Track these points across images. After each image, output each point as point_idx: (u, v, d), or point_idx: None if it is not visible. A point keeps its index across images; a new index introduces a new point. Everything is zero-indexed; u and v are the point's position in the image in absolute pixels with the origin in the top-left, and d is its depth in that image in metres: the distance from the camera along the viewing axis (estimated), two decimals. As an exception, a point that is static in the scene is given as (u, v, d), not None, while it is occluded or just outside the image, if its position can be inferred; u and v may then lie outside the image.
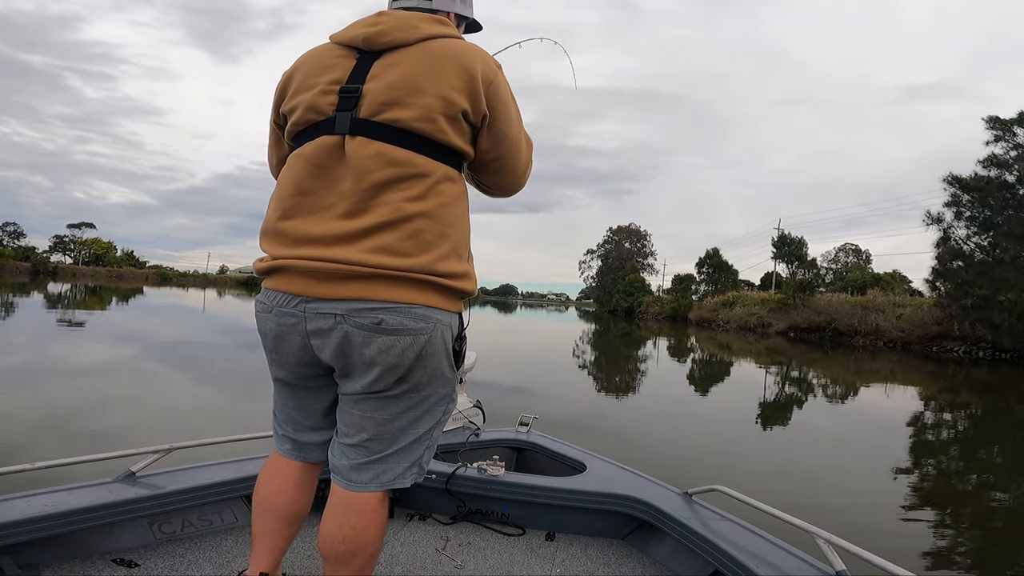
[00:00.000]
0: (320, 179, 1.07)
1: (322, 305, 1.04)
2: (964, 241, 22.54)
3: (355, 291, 1.02)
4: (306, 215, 1.07)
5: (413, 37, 1.10)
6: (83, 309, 18.90)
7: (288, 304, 1.07)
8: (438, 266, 1.05)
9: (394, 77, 1.07)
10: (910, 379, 14.34)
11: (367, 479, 1.13)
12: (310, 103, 1.09)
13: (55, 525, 1.45)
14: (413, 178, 1.05)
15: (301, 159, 1.09)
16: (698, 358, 18.07)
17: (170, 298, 33.17)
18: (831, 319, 28.75)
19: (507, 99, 1.16)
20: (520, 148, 1.22)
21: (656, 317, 51.35)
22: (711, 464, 5.09)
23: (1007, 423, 9.07)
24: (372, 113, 1.05)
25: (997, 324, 20.27)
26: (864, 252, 66.85)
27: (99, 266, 77.85)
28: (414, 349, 1.05)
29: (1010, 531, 3.94)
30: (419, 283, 1.04)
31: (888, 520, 3.86)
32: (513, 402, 6.49)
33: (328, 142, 1.06)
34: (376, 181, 1.03)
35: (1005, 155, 22.19)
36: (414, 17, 1.14)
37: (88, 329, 12.64)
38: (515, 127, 1.19)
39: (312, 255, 1.03)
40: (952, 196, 22.62)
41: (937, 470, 5.57)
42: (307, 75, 1.13)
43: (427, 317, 1.05)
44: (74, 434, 4.34)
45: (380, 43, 1.10)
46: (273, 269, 1.09)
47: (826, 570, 1.46)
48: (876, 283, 41.39)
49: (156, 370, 7.82)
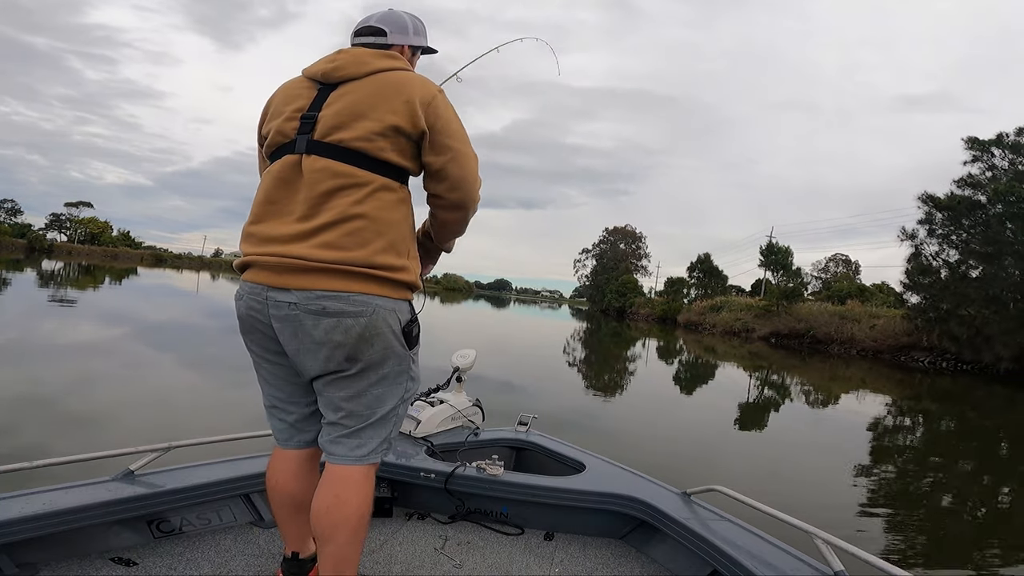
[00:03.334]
0: (283, 190, 1.27)
1: (280, 294, 1.22)
2: (933, 257, 23.17)
3: (305, 282, 1.21)
4: (271, 219, 1.27)
5: (364, 71, 1.30)
6: (77, 288, 19.21)
7: (255, 293, 1.26)
8: (374, 259, 1.23)
9: (342, 105, 1.26)
10: (879, 387, 14.97)
11: (344, 451, 1.30)
12: (279, 128, 1.31)
13: (53, 524, 1.45)
14: (353, 187, 1.23)
15: (270, 175, 1.30)
16: (685, 360, 18.62)
17: (164, 279, 33.40)
18: (810, 327, 29.35)
19: (447, 115, 1.32)
20: (467, 158, 1.34)
21: (646, 318, 51.90)
22: (691, 456, 5.40)
23: (963, 429, 9.63)
24: (323, 135, 1.25)
25: (958, 336, 20.93)
26: (854, 263, 67.87)
27: (95, 245, 77.77)
28: (355, 330, 1.22)
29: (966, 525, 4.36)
30: (357, 275, 1.21)
31: (845, 504, 4.26)
32: (505, 398, 6.64)
33: (290, 160, 1.27)
34: (323, 190, 1.23)
35: (982, 175, 22.74)
36: (366, 54, 1.33)
37: (90, 309, 12.96)
38: (458, 139, 1.32)
39: (273, 251, 1.23)
40: (926, 214, 23.18)
41: (896, 469, 5.99)
42: (279, 104, 1.35)
43: (365, 303, 1.22)
44: (62, 421, 4.29)
45: (335, 77, 1.31)
46: (246, 265, 1.30)
47: (824, 570, 1.46)
48: (861, 294, 42.04)
49: (143, 352, 8.08)
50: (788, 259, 40.42)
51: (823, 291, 50.98)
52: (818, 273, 66.99)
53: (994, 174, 22.54)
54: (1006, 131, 22.46)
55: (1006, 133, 22.50)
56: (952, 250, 22.81)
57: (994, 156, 22.76)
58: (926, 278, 23.08)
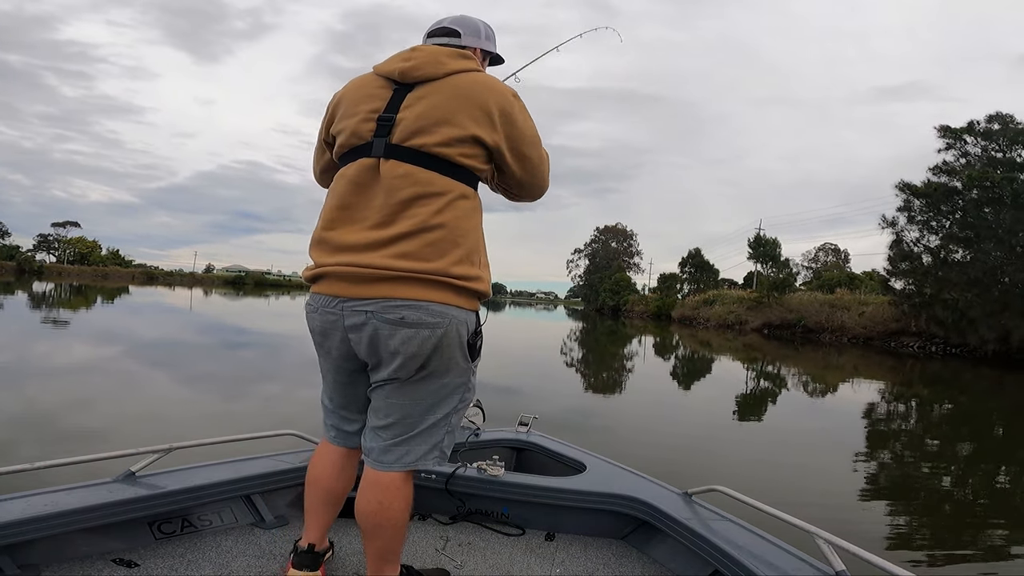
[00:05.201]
0: (358, 195, 1.24)
1: (356, 304, 1.21)
2: (915, 243, 23.59)
3: (382, 291, 1.19)
4: (345, 225, 1.24)
5: (441, 72, 1.26)
6: (68, 308, 19.20)
7: (330, 305, 1.25)
8: (452, 269, 1.21)
9: (423, 108, 1.23)
10: (872, 373, 15.25)
11: (392, 460, 1.29)
12: (353, 129, 1.27)
13: (54, 525, 1.45)
14: (434, 196, 1.21)
15: (344, 179, 1.27)
16: (681, 355, 18.73)
17: (156, 296, 33.30)
18: (801, 316, 29.72)
19: (523, 123, 1.31)
20: (539, 163, 1.37)
21: (641, 315, 52.17)
22: (690, 449, 5.45)
23: (956, 413, 9.80)
24: (403, 139, 1.22)
25: (943, 321, 21.32)
26: (843, 252, 68.62)
27: (84, 265, 77.26)
28: (432, 341, 1.21)
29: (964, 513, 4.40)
30: (435, 283, 1.20)
31: (844, 492, 4.32)
32: (505, 399, 6.68)
33: (366, 164, 1.24)
34: (403, 197, 1.20)
35: (955, 162, 23.19)
36: (442, 53, 1.30)
37: (87, 328, 13.02)
38: (532, 146, 1.34)
39: (347, 261, 1.21)
40: (904, 202, 23.63)
41: (893, 455, 6.08)
42: (352, 103, 1.30)
43: (443, 313, 1.21)
44: (61, 433, 4.35)
45: (412, 76, 1.27)
46: (317, 276, 1.27)
47: (826, 570, 1.45)
48: (851, 282, 42.58)
49: (139, 370, 8.16)
50: (776, 250, 40.91)
51: (814, 280, 51.51)
52: (809, 263, 67.84)
53: (968, 160, 23.01)
54: (977, 119, 23.04)
55: (977, 121, 23.02)
56: (932, 236, 23.26)
57: (967, 143, 23.25)
58: (908, 264, 23.48)
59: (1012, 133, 22.11)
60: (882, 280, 26.08)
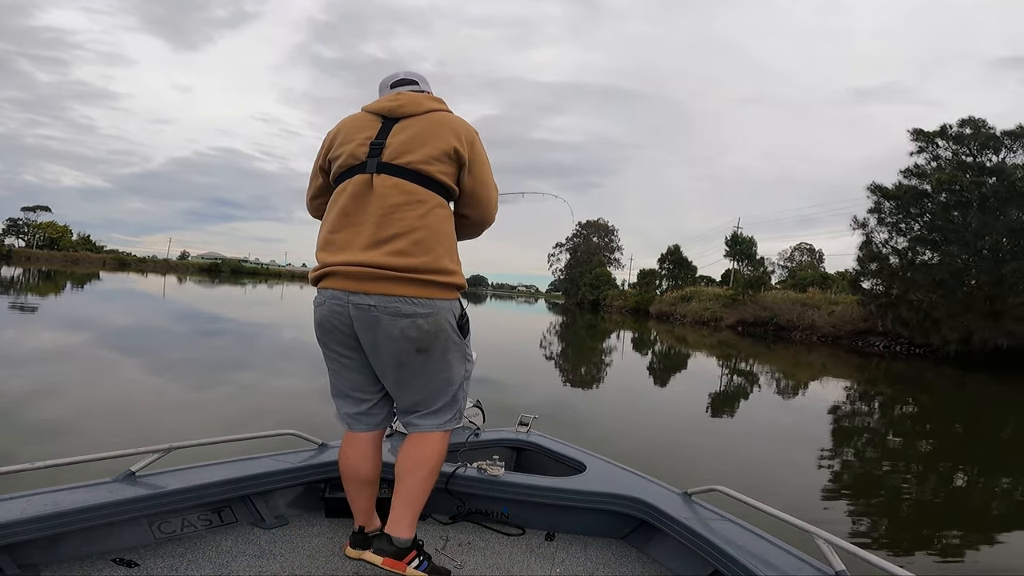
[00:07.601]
0: (357, 204, 1.53)
1: (361, 298, 1.48)
2: (883, 244, 24.07)
3: (383, 288, 1.47)
4: (348, 229, 1.53)
5: (421, 110, 1.60)
6: (38, 295, 18.69)
7: (337, 298, 1.51)
8: (435, 264, 1.50)
9: (407, 135, 1.55)
10: (840, 372, 15.67)
11: (429, 424, 1.62)
12: (351, 152, 1.56)
13: (54, 525, 1.46)
14: (417, 202, 1.51)
15: (345, 192, 1.55)
16: (658, 350, 19.00)
17: (127, 283, 32.58)
18: (774, 314, 30.30)
19: (482, 154, 1.64)
20: (491, 190, 1.68)
21: (620, 310, 52.66)
22: (662, 440, 5.64)
23: (919, 412, 10.13)
24: (392, 158, 1.53)
25: (908, 321, 21.83)
26: (818, 252, 70.04)
27: (55, 250, 75.11)
28: (424, 327, 1.50)
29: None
30: (424, 282, 1.49)
31: (801, 481, 4.49)
32: (497, 396, 6.74)
33: (362, 179, 1.53)
34: (393, 203, 1.49)
35: (927, 165, 23.63)
36: (421, 97, 1.65)
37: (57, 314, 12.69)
38: (487, 174, 1.66)
39: (352, 260, 1.48)
40: (875, 203, 24.04)
41: (855, 451, 6.24)
42: (349, 132, 1.61)
43: (430, 304, 1.50)
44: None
45: (399, 113, 1.60)
46: (324, 275, 1.54)
47: (825, 570, 1.46)
48: (823, 281, 43.52)
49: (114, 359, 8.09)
50: (752, 249, 41.58)
51: (788, 279, 52.49)
52: (784, 262, 69.08)
53: (939, 164, 23.40)
54: (950, 123, 23.41)
55: (949, 125, 23.42)
56: (901, 237, 23.71)
57: (939, 147, 23.63)
58: (877, 265, 23.96)
59: (983, 138, 22.53)
60: (852, 280, 26.65)
